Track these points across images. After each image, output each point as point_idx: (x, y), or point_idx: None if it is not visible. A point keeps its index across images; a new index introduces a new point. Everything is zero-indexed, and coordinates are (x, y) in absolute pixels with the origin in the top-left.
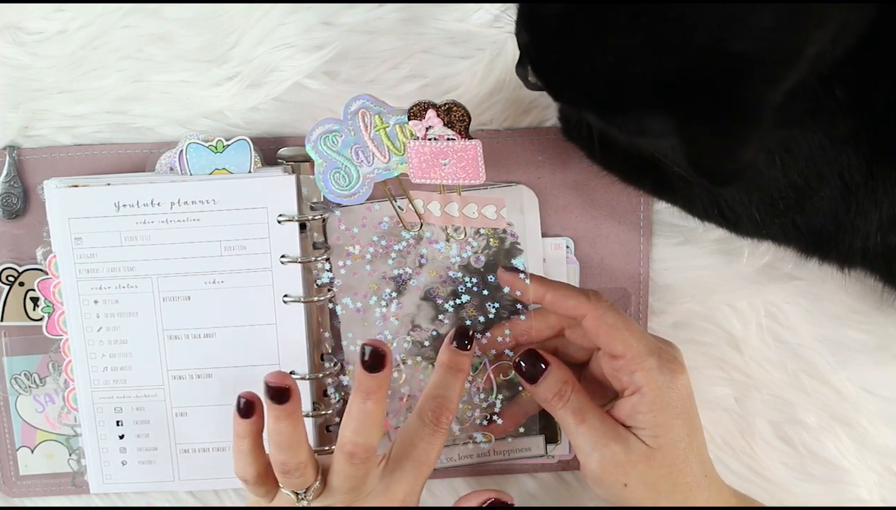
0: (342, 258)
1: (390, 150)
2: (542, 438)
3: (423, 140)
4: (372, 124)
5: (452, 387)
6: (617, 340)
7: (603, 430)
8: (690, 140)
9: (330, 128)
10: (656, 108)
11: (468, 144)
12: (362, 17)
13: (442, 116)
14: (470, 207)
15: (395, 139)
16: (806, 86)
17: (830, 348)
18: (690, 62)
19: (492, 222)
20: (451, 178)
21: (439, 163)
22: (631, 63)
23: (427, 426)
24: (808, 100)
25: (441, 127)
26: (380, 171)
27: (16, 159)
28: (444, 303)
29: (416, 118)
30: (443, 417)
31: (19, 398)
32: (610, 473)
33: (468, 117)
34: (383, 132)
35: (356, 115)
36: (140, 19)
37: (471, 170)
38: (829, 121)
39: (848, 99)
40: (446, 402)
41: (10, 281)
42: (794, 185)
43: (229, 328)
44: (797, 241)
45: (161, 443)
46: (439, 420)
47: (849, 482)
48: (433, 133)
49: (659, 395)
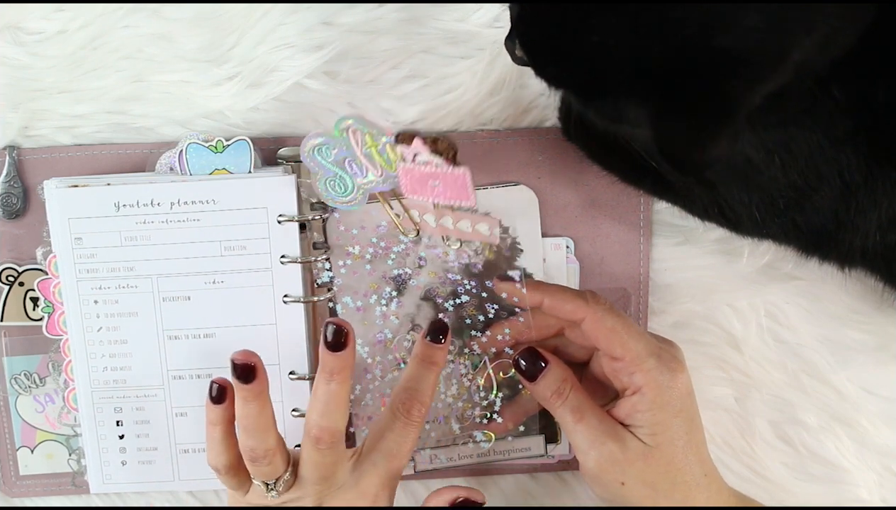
0: (342, 258)
1: (383, 167)
2: (542, 438)
3: (413, 163)
4: (363, 142)
5: (425, 380)
6: (616, 343)
7: (601, 429)
8: (662, 127)
9: (321, 142)
10: (634, 94)
11: (457, 171)
12: (362, 17)
13: (428, 145)
14: (463, 223)
15: (387, 158)
16: (802, 86)
17: (830, 348)
18: (673, 51)
19: (485, 238)
20: (441, 198)
21: (429, 184)
22: (614, 45)
23: (398, 419)
24: (805, 100)
25: (427, 155)
26: (374, 183)
27: (16, 159)
28: (444, 302)
29: (404, 143)
30: (414, 410)
31: (19, 398)
32: (607, 472)
33: (454, 149)
34: (374, 150)
35: (346, 131)
36: (140, 19)
37: (461, 193)
38: (828, 121)
39: (846, 99)
40: (418, 395)
41: (10, 281)
42: (794, 184)
43: (229, 328)
44: (797, 241)
45: (161, 443)
46: (410, 412)
47: (849, 482)
48: (421, 159)
49: (659, 395)
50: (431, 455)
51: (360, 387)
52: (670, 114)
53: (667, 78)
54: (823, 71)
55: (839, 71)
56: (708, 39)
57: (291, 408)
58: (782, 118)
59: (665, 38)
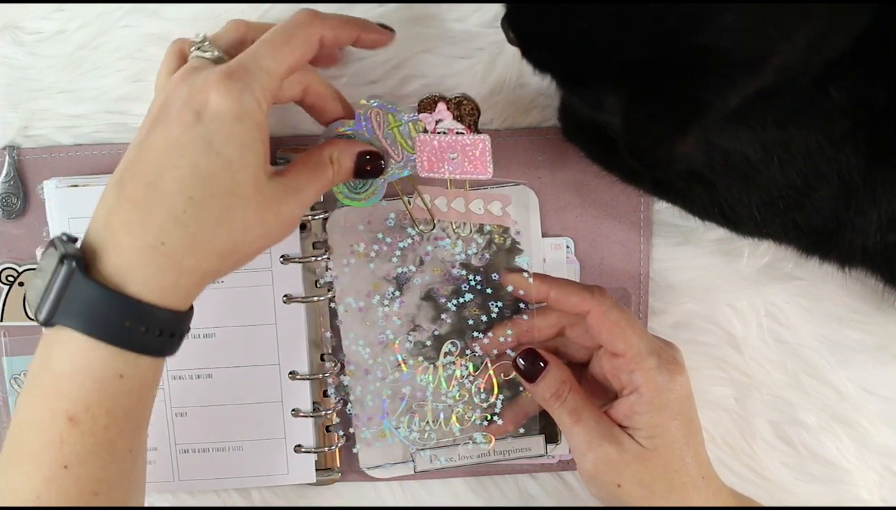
0: (345, 257)
1: (403, 148)
2: (542, 438)
3: (432, 134)
4: (385, 123)
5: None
6: (619, 338)
7: (598, 431)
8: (632, 118)
9: (345, 131)
10: (612, 83)
11: (477, 138)
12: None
13: (452, 109)
14: (476, 203)
15: (408, 137)
16: (799, 86)
17: (830, 348)
18: (653, 44)
19: (497, 219)
20: (458, 173)
21: (447, 157)
22: (599, 34)
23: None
24: (802, 99)
25: (451, 120)
26: (393, 171)
27: (16, 159)
28: (447, 301)
29: (426, 111)
30: (308, 15)
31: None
32: (603, 473)
33: (478, 111)
34: (396, 130)
35: (369, 116)
36: (140, 19)
37: (479, 164)
38: (826, 120)
39: (845, 99)
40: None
41: (10, 281)
42: (793, 184)
43: (229, 328)
44: (798, 240)
45: (161, 443)
46: (304, 16)
47: (849, 482)
48: (443, 126)
49: (657, 396)
50: (431, 455)
51: (361, 388)
52: (642, 106)
53: (643, 70)
54: (819, 71)
55: (836, 71)
56: (688, 35)
57: (291, 409)
58: (780, 118)
59: (647, 30)
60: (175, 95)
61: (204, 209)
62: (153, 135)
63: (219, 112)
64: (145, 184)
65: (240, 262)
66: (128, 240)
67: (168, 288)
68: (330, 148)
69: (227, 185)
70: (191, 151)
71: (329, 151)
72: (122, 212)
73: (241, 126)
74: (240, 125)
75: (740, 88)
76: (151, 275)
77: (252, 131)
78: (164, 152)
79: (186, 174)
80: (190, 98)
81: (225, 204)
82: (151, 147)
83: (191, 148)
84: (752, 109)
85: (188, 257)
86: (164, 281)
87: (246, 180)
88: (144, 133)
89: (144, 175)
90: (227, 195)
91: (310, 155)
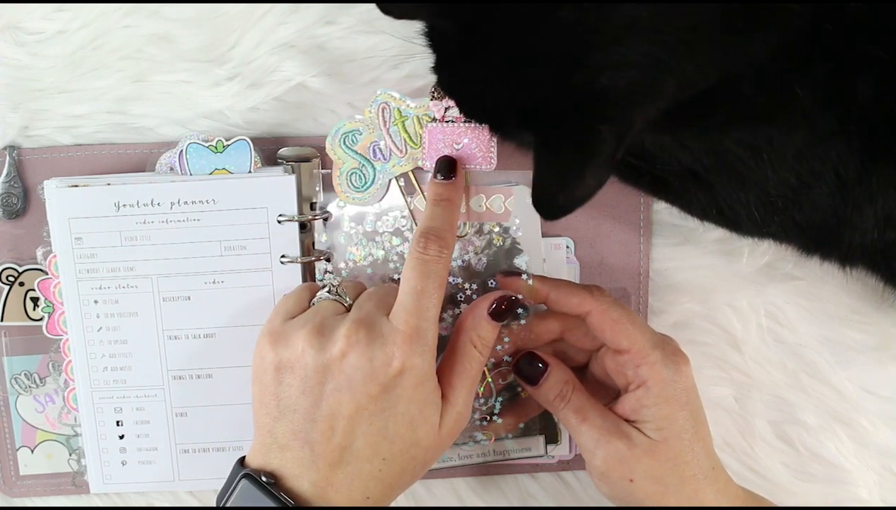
0: (343, 260)
1: (407, 143)
2: (542, 438)
3: (441, 122)
4: (391, 119)
5: (440, 217)
6: (622, 335)
7: (605, 427)
8: (540, 166)
9: (351, 129)
10: (523, 127)
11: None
12: (362, 17)
13: None
14: (477, 199)
15: (413, 132)
16: (744, 90)
17: (830, 348)
18: (540, 90)
19: (498, 216)
20: (463, 162)
21: (453, 147)
22: (498, 84)
23: (414, 257)
24: (763, 98)
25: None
26: (396, 167)
27: (16, 159)
28: (442, 312)
29: (438, 98)
30: (430, 245)
31: (19, 398)
32: (615, 469)
33: None
34: (401, 125)
35: (377, 108)
36: (140, 19)
37: (484, 153)
38: (804, 116)
39: (817, 95)
40: (434, 231)
41: (10, 281)
42: (786, 181)
43: (229, 328)
44: (798, 239)
45: (161, 443)
46: (427, 248)
47: (849, 482)
48: (452, 114)
49: (664, 388)
50: None
51: None
52: (544, 151)
53: (540, 114)
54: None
55: (798, 71)
56: (568, 78)
57: None
58: (744, 117)
59: (532, 77)
60: (349, 362)
61: (394, 464)
62: (334, 396)
63: (403, 380)
64: (339, 448)
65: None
66: (338, 496)
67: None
68: (465, 332)
69: (410, 440)
70: (379, 417)
71: (465, 337)
72: (322, 471)
73: (422, 387)
74: (422, 387)
75: (632, 120)
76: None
77: (430, 388)
78: (352, 418)
79: (378, 439)
80: (373, 372)
81: (410, 455)
82: (336, 412)
83: (379, 415)
84: (696, 112)
85: (385, 499)
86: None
87: (426, 433)
88: (314, 383)
89: (336, 439)
90: (411, 448)
91: (452, 351)
